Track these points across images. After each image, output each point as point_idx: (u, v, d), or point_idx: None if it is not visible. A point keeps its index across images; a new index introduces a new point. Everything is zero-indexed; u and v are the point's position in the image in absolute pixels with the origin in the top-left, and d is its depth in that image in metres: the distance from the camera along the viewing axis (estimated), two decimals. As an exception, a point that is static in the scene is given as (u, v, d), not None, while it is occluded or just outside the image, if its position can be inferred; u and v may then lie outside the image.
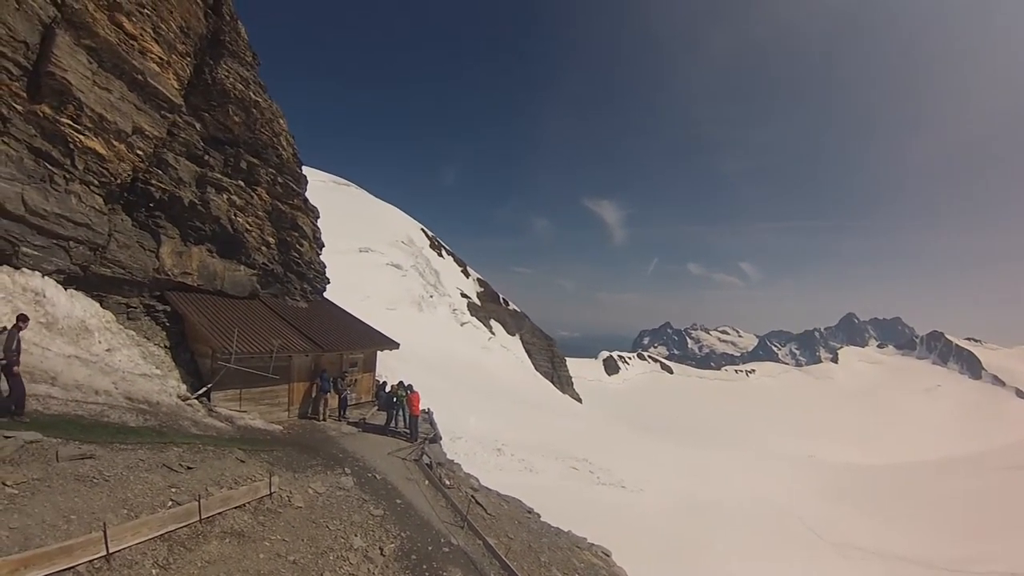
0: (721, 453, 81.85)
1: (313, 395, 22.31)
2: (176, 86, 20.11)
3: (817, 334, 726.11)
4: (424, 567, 12.42)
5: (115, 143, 17.91)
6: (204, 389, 18.66)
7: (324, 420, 22.12)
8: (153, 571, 8.17)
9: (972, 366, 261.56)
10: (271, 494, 12.41)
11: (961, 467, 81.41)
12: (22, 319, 12.13)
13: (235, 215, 23.20)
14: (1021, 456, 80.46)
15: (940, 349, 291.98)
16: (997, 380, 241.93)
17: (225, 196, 22.80)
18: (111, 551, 7.84)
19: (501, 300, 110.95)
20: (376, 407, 26.28)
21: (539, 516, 21.89)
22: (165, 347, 19.53)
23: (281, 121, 26.30)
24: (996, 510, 57.38)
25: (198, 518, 9.85)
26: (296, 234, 27.00)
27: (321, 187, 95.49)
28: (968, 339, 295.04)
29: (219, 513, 10.53)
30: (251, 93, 23.96)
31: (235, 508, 11.07)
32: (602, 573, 17.81)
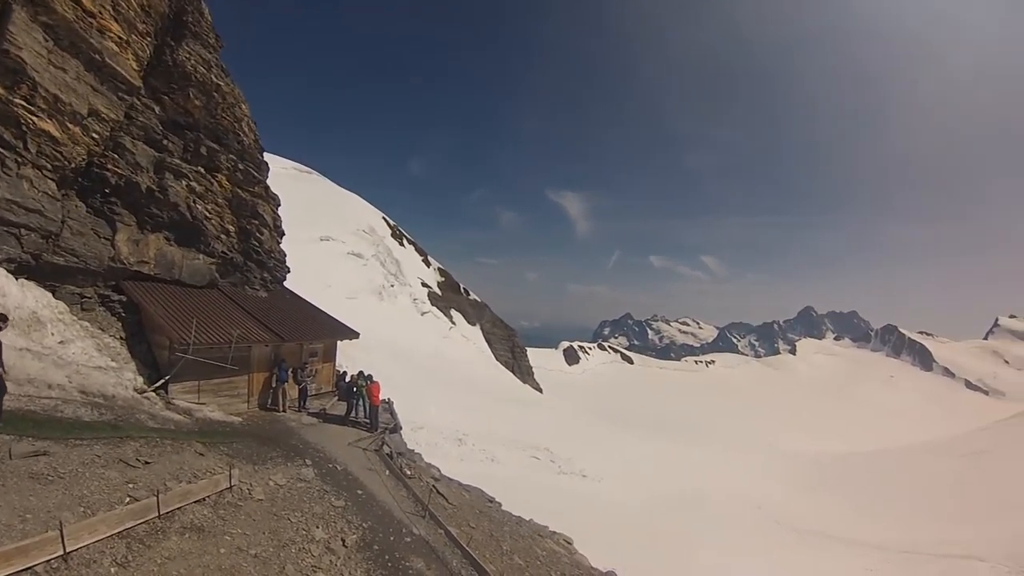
0: (682, 443, 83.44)
1: (273, 386, 22.02)
2: (135, 67, 19.36)
3: (776, 326, 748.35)
4: (386, 557, 12.49)
5: (70, 125, 17.17)
6: (161, 381, 18.19)
7: (284, 411, 21.85)
8: (112, 569, 8.07)
9: (924, 358, 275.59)
10: (231, 487, 12.31)
11: (919, 455, 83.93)
12: (1, 319, 11.57)
13: (194, 202, 22.55)
14: (975, 444, 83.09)
15: (894, 342, 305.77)
16: (947, 372, 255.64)
17: (184, 182, 22.14)
18: (68, 550, 7.72)
19: (462, 290, 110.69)
20: (336, 397, 26.10)
21: (500, 505, 22.20)
22: (121, 338, 18.90)
23: (243, 106, 25.61)
24: (955, 496, 59.59)
25: (157, 514, 9.74)
26: (257, 222, 26.42)
27: (283, 175, 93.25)
28: (920, 333, 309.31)
29: (178, 508, 10.43)
30: (213, 76, 23.25)
31: (194, 502, 10.97)
32: (564, 561, 18.20)
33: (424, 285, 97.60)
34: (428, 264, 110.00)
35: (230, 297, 23.90)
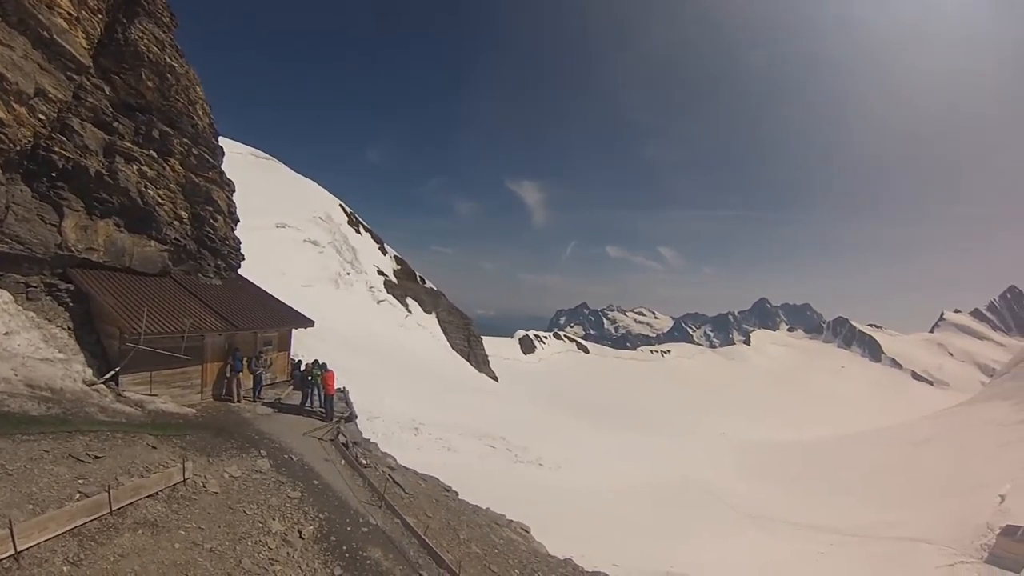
0: (638, 431, 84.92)
1: (227, 376, 21.57)
2: (85, 45, 18.51)
3: (731, 317, 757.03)
4: (344, 548, 12.57)
5: (15, 106, 16.30)
6: (112, 373, 17.58)
7: (239, 401, 21.44)
8: (64, 568, 7.94)
9: (873, 350, 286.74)
10: (185, 480, 12.16)
11: (867, 442, 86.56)
12: None
13: (146, 187, 21.73)
14: (921, 432, 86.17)
15: (845, 334, 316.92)
16: (895, 363, 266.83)
17: (135, 166, 21.29)
18: (19, 549, 7.55)
19: (418, 278, 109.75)
20: (292, 387, 25.77)
21: (457, 494, 22.39)
22: (69, 329, 18.15)
23: (198, 89, 24.77)
24: (901, 481, 61.96)
25: (108, 510, 9.57)
26: (211, 208, 25.64)
27: (238, 160, 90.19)
28: (870, 325, 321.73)
29: (130, 503, 10.27)
30: (167, 57, 22.40)
31: (147, 497, 10.82)
32: (521, 549, 18.53)
33: (380, 273, 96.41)
34: (384, 252, 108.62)
35: (183, 285, 23.19)
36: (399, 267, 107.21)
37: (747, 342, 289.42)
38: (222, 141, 27.39)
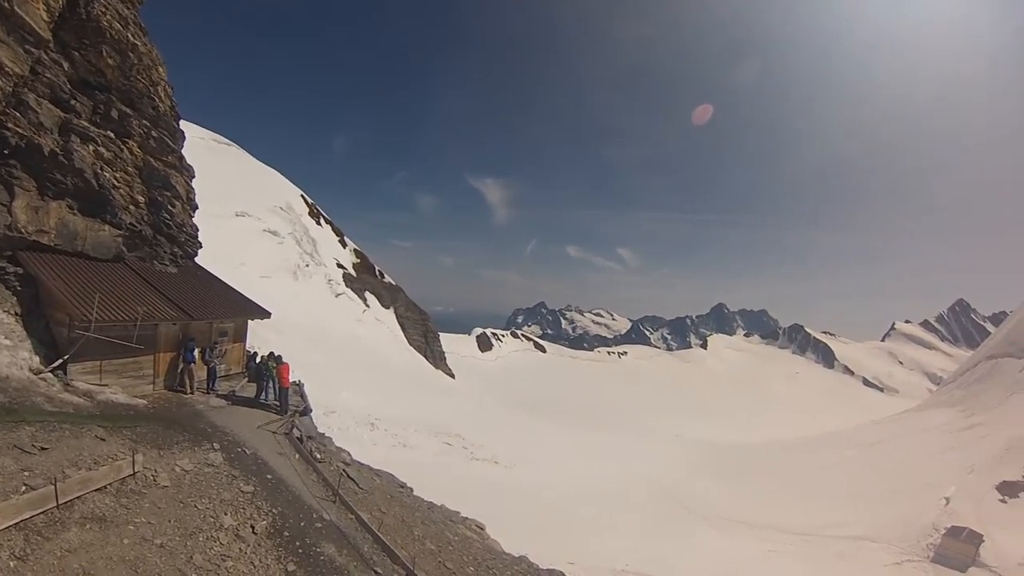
0: (594, 430, 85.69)
1: (180, 367, 20.94)
2: (45, 18, 17.64)
3: (688, 321, 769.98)
4: (297, 544, 12.44)
5: (-34, 78, 15.50)
6: (60, 361, 16.83)
7: (192, 393, 20.83)
8: (11, 563, 7.66)
9: (826, 356, 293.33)
10: (134, 474, 11.82)
11: (819, 445, 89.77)
12: None
13: (101, 169, 20.86)
14: (870, 436, 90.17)
15: (800, 340, 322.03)
16: (847, 370, 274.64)
17: (92, 147, 20.41)
18: (-38, 543, 7.24)
19: (377, 272, 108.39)
20: (246, 379, 25.21)
21: (412, 491, 22.32)
22: (16, 314, 17.23)
23: (160, 69, 23.91)
24: (850, 482, 64.63)
25: (55, 503, 9.25)
26: (168, 194, 24.77)
27: (199, 145, 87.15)
28: (824, 333, 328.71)
29: (78, 497, 9.95)
30: (129, 34, 21.53)
31: (95, 491, 10.49)
32: (476, 546, 18.61)
33: (340, 266, 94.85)
34: (344, 245, 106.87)
35: (137, 272, 22.36)
36: (358, 260, 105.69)
37: (704, 346, 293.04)
38: (183, 125, 26.51)
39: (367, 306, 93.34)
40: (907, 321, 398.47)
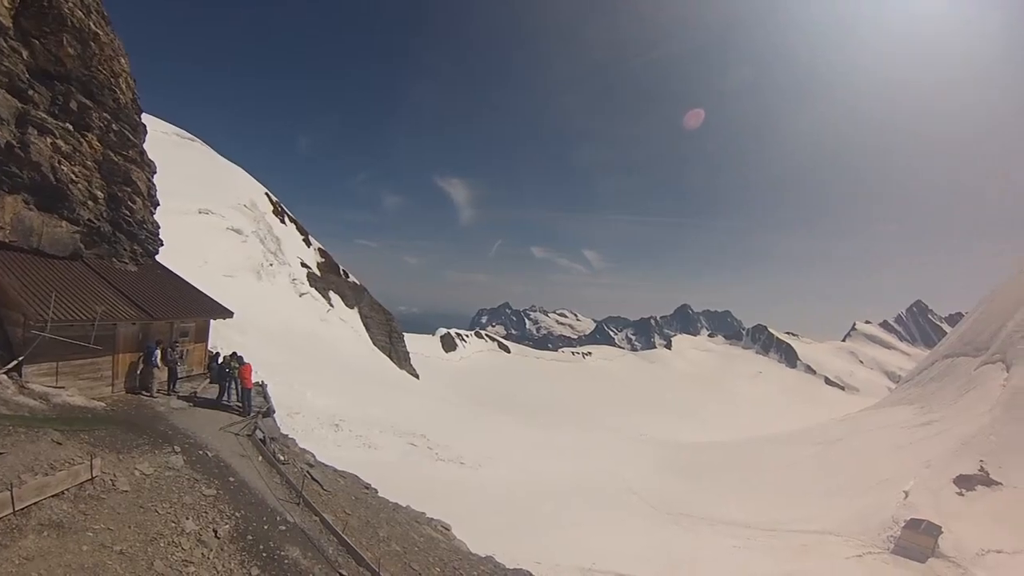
0: (559, 431, 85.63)
1: (140, 368, 20.30)
2: (7, 4, 16.99)
3: (653, 322, 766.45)
4: (261, 547, 12.23)
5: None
6: (14, 363, 16.11)
7: (152, 395, 20.21)
8: (-35, 573, 7.33)
9: (789, 356, 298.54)
10: (93, 478, 11.45)
11: (782, 443, 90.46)
12: None
13: (59, 163, 20.06)
14: (831, 434, 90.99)
15: (763, 340, 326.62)
16: (809, 369, 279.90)
17: (49, 140, 19.62)
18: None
19: (341, 271, 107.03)
20: (208, 380, 24.60)
21: (377, 492, 22.12)
22: (-33, 314, 16.51)
23: (123, 60, 23.14)
24: (813, 479, 65.53)
25: (11, 510, 8.92)
26: (129, 189, 23.95)
27: (162, 139, 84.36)
28: (787, 333, 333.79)
29: (35, 503, 9.59)
30: (92, 24, 20.81)
31: (52, 496, 10.13)
32: (442, 547, 18.55)
33: (304, 265, 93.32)
34: (309, 244, 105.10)
35: (95, 270, 21.56)
36: (323, 260, 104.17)
37: (668, 346, 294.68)
38: (145, 118, 25.72)
39: (331, 306, 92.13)
40: (867, 322, 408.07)
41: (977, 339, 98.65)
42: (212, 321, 26.14)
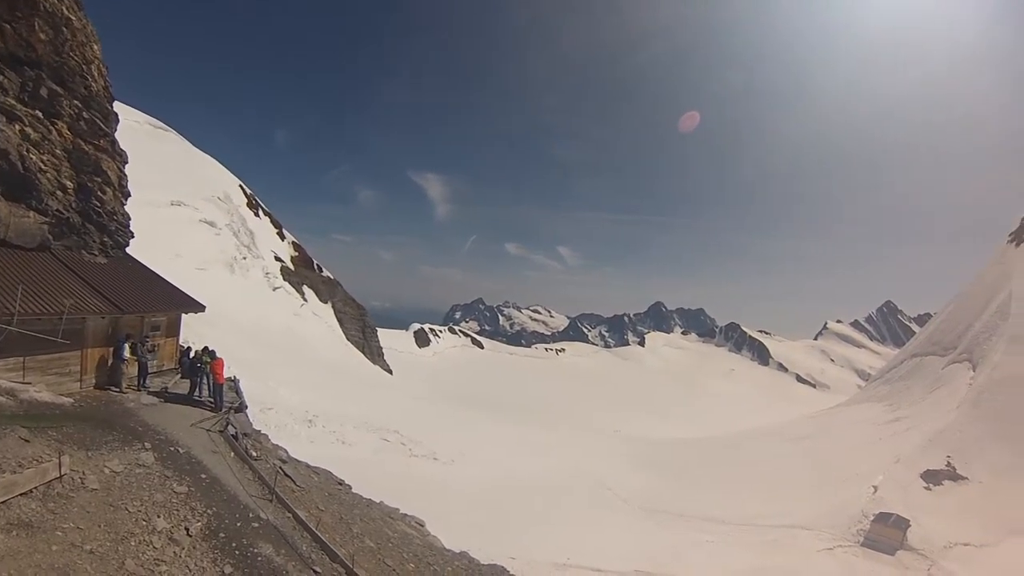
0: (533, 426, 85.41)
1: (109, 363, 19.80)
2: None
3: (626, 319, 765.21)
4: (234, 545, 12.06)
5: None
6: (-21, 357, 15.58)
7: (122, 390, 19.73)
8: (-67, 574, 7.10)
9: (761, 354, 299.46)
10: (61, 476, 11.16)
11: (754, 439, 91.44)
12: None
13: (28, 151, 19.39)
14: (802, 430, 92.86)
15: (736, 338, 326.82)
16: (781, 367, 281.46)
17: (17, 127, 18.95)
18: None
19: (315, 266, 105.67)
20: (179, 375, 24.13)
21: (351, 488, 21.99)
22: (-70, 307, 15.82)
23: (95, 47, 22.48)
24: (784, 474, 66.62)
25: (-23, 509, 8.64)
26: (99, 180, 23.27)
27: (135, 129, 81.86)
28: (760, 331, 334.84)
29: (2, 502, 9.31)
30: (64, 8, 20.19)
31: (20, 495, 9.86)
32: (416, 542, 18.52)
33: (277, 259, 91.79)
34: (283, 237, 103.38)
35: (63, 262, 20.91)
36: (297, 254, 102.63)
37: (642, 343, 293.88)
38: (117, 107, 25.08)
39: (305, 300, 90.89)
40: (838, 321, 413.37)
41: (945, 339, 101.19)
42: (184, 315, 25.67)
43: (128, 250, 26.02)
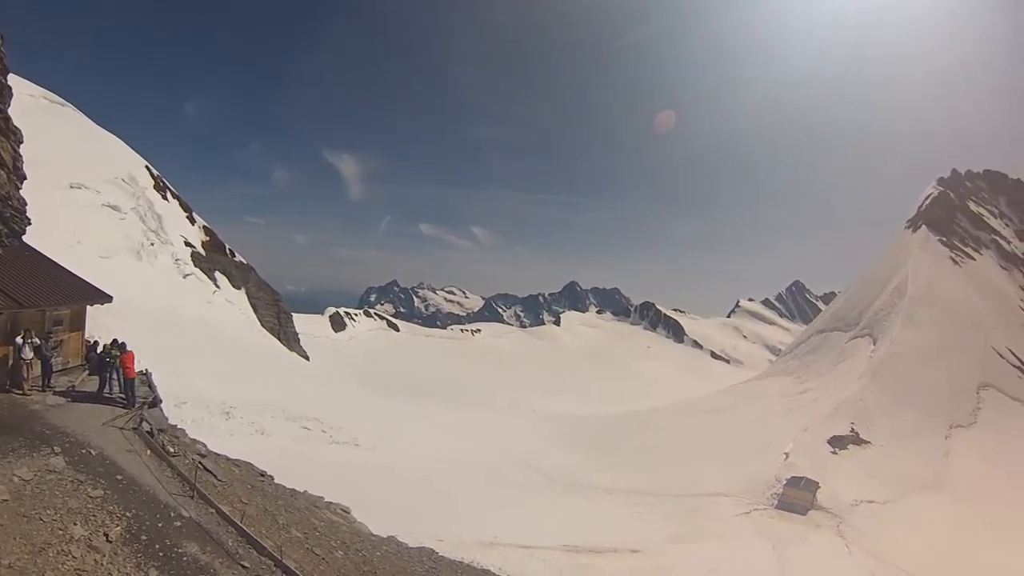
0: (453, 408, 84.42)
1: (10, 363, 18.12)
2: None
3: (541, 299, 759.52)
4: (157, 547, 11.67)
5: None
6: None
7: (25, 392, 18.13)
8: None
9: (676, 332, 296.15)
10: (-34, 489, 10.37)
11: (672, 414, 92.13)
12: None
13: (-94, 134, 17.36)
14: (717, 403, 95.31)
15: (651, 317, 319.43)
16: (696, 344, 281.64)
17: None
18: None
19: (228, 251, 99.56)
20: (87, 372, 22.40)
21: (273, 479, 21.46)
22: None
23: (-17, 17, 20.31)
24: (702, 446, 68.46)
25: None
26: (-9, 162, 21.19)
27: (29, 104, 72.55)
28: (674, 310, 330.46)
29: (-97, 522, 8.59)
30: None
31: (-76, 512, 9.10)
32: (343, 530, 18.47)
33: (188, 244, 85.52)
34: (193, 221, 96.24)
35: (-48, 254, 18.93)
36: (208, 238, 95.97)
37: (557, 323, 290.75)
38: (11, 79, 22.57)
39: (217, 287, 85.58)
40: (750, 299, 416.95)
41: (848, 316, 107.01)
42: (89, 307, 23.83)
43: (25, 238, 23.72)
